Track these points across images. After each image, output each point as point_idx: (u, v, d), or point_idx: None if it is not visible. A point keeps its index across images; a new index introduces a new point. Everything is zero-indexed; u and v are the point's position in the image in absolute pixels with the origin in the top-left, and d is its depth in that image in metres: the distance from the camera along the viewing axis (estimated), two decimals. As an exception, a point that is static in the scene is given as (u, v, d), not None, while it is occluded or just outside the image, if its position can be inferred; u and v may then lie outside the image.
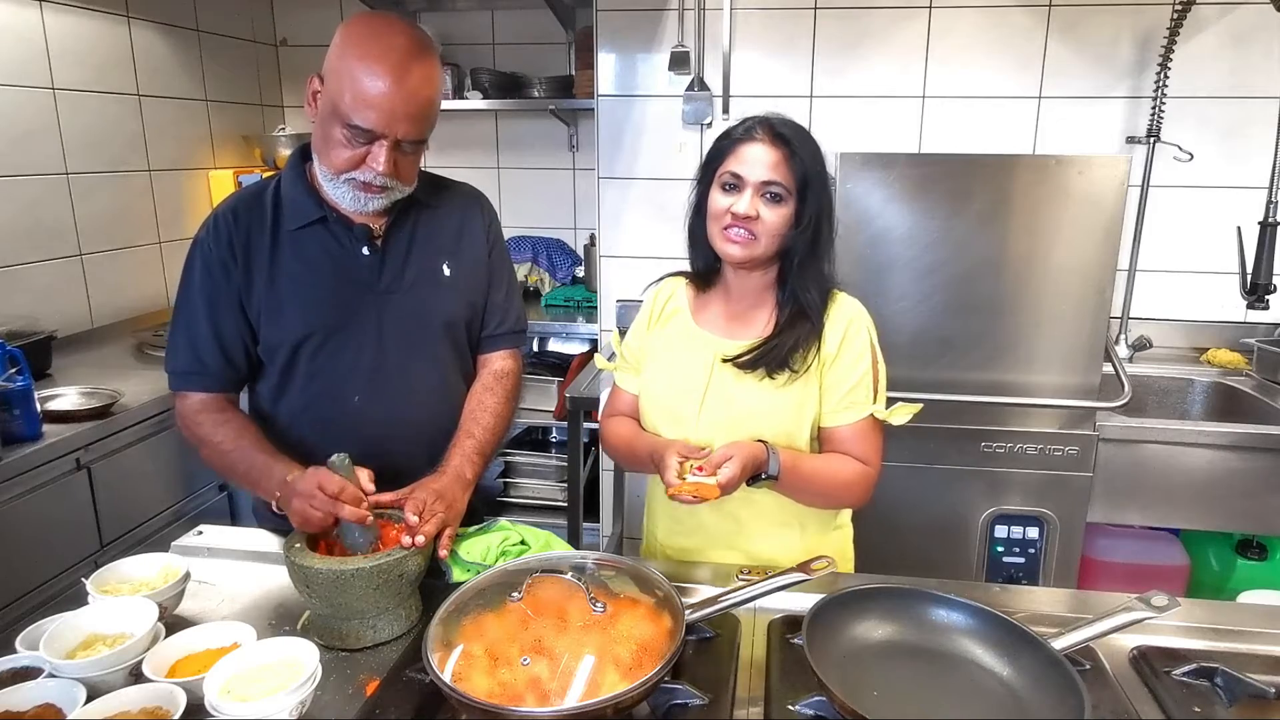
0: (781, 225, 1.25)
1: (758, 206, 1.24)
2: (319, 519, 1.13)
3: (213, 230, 1.32)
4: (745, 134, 1.26)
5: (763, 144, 1.24)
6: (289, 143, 3.17)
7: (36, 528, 1.82)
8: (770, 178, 1.23)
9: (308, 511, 1.13)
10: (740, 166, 1.25)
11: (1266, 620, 1.16)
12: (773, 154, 1.23)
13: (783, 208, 1.25)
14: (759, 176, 1.24)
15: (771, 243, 1.26)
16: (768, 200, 1.24)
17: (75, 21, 2.52)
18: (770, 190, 1.24)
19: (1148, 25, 2.39)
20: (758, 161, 1.24)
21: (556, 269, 3.34)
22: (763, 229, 1.25)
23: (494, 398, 1.42)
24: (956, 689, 0.96)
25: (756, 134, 1.25)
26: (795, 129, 1.26)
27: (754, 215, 1.24)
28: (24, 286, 2.39)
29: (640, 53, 2.62)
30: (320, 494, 1.12)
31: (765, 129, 1.25)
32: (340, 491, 1.12)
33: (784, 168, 1.23)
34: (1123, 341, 2.54)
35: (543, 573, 1.04)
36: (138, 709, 0.90)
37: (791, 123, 1.28)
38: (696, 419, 1.32)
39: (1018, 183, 1.98)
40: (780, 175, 1.23)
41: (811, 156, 1.26)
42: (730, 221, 1.25)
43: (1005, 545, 2.16)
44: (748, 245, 1.26)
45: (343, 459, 1.16)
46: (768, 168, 1.23)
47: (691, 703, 0.96)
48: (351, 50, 1.20)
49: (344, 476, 1.14)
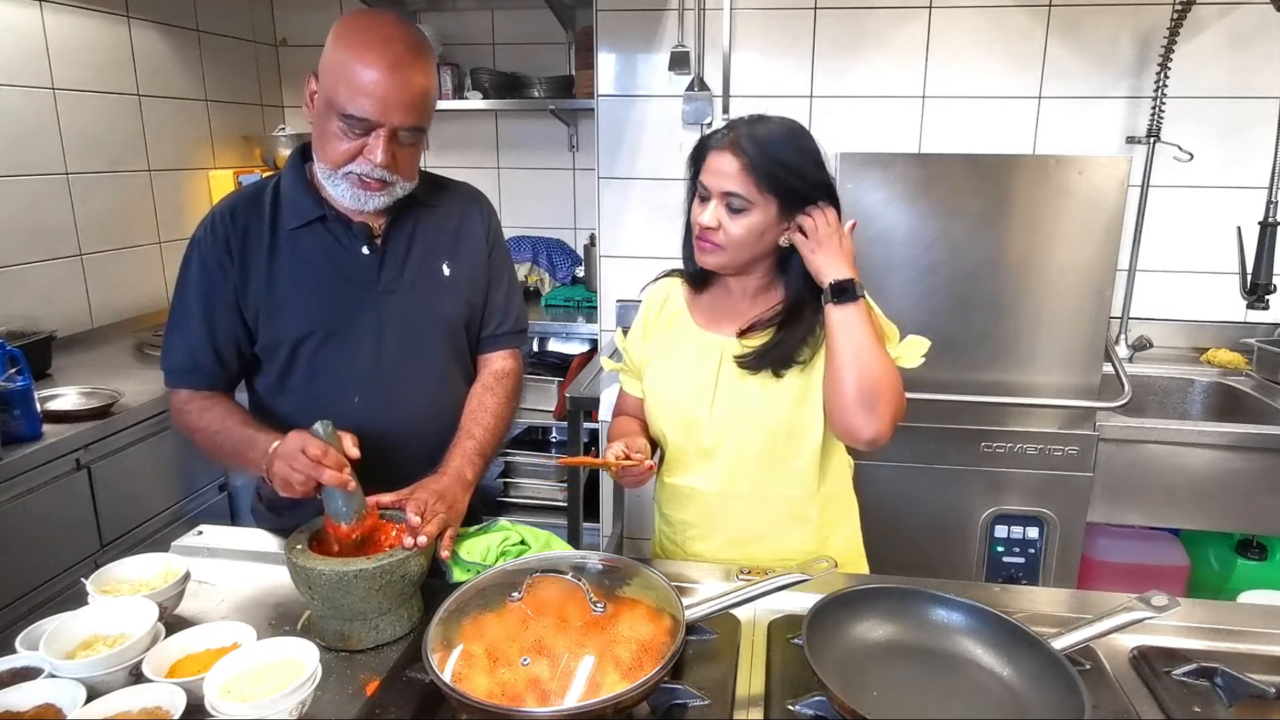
0: (747, 235, 1.23)
1: (720, 217, 1.23)
2: (300, 481, 1.12)
3: (210, 229, 1.32)
4: (716, 141, 1.25)
5: (727, 153, 1.22)
6: (289, 143, 3.17)
7: (36, 528, 1.82)
8: (729, 188, 1.22)
9: (288, 474, 1.13)
10: (707, 176, 1.24)
11: (1266, 620, 1.16)
12: (734, 163, 1.21)
13: (746, 218, 1.22)
14: (720, 187, 1.23)
15: (739, 252, 1.25)
16: (730, 211, 1.23)
17: (75, 21, 2.52)
18: (730, 201, 1.22)
19: (1148, 25, 2.39)
20: (720, 171, 1.22)
21: (556, 269, 3.34)
22: (726, 239, 1.24)
23: (494, 398, 1.42)
24: (956, 689, 0.96)
25: (723, 141, 1.23)
26: (767, 137, 1.22)
27: (715, 226, 1.23)
28: (24, 286, 2.39)
29: (640, 53, 2.62)
30: (302, 456, 1.11)
31: (731, 137, 1.22)
32: (323, 455, 1.11)
33: (742, 177, 1.21)
34: (1123, 341, 2.54)
35: (543, 573, 1.04)
36: (138, 709, 0.90)
37: (767, 127, 1.24)
38: (708, 421, 1.32)
39: (1018, 183, 1.98)
40: (739, 186, 1.21)
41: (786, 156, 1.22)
42: (698, 231, 1.26)
43: (1005, 545, 2.16)
44: (714, 254, 1.26)
45: (326, 426, 1.15)
46: (727, 178, 1.22)
47: (691, 703, 0.96)
48: (344, 44, 1.20)
49: (328, 443, 1.13)
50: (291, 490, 1.14)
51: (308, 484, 1.13)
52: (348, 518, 1.13)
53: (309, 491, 1.14)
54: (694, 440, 1.34)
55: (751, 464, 1.32)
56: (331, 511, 1.14)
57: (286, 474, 1.13)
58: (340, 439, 1.16)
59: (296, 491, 1.14)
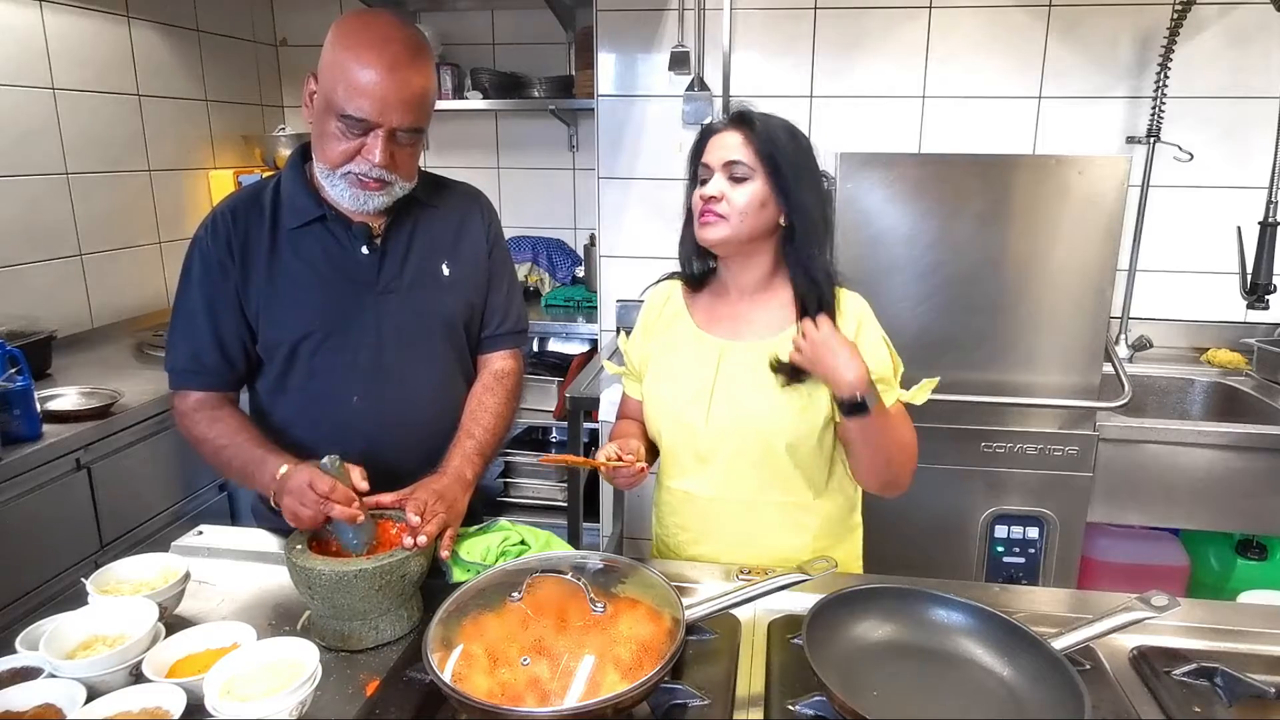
0: (751, 203, 1.25)
1: (722, 187, 1.26)
2: (309, 516, 1.13)
3: (211, 229, 1.32)
4: (718, 125, 1.30)
5: (726, 130, 1.28)
6: (289, 143, 3.17)
7: (36, 528, 1.82)
8: (732, 157, 1.25)
9: (298, 509, 1.13)
10: (708, 155, 1.28)
11: (1266, 620, 1.16)
12: (734, 136, 1.26)
13: (749, 185, 1.25)
14: (722, 158, 1.26)
15: (742, 221, 1.26)
16: (733, 180, 1.26)
17: (75, 21, 2.52)
18: (734, 171, 1.25)
19: (1148, 25, 2.39)
20: (721, 145, 1.27)
21: (556, 269, 3.34)
22: (730, 208, 1.25)
23: (494, 398, 1.42)
24: (956, 689, 0.96)
25: (722, 123, 1.29)
26: (764, 116, 1.28)
27: (719, 196, 1.25)
28: (24, 286, 2.39)
29: (640, 53, 2.62)
30: (310, 492, 1.12)
31: (733, 116, 1.29)
32: (330, 491, 1.12)
33: (745, 147, 1.25)
34: (1123, 341, 2.54)
35: (543, 573, 1.04)
36: (138, 709, 0.90)
37: (764, 113, 1.29)
38: (705, 424, 1.31)
39: (1018, 183, 1.98)
40: (741, 154, 1.25)
41: (782, 136, 1.26)
42: (700, 207, 1.27)
43: (1005, 545, 2.16)
44: (717, 225, 1.26)
45: (334, 460, 1.15)
46: (730, 149, 1.26)
47: (691, 703, 0.95)
48: (342, 44, 1.20)
49: (335, 477, 1.14)
50: (300, 523, 1.15)
51: (316, 519, 1.13)
52: (358, 549, 1.14)
53: (317, 524, 1.14)
54: (690, 444, 1.33)
55: (748, 471, 1.31)
56: (344, 543, 1.14)
57: (296, 509, 1.14)
58: (348, 472, 1.16)
59: (305, 525, 1.14)
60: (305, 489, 1.12)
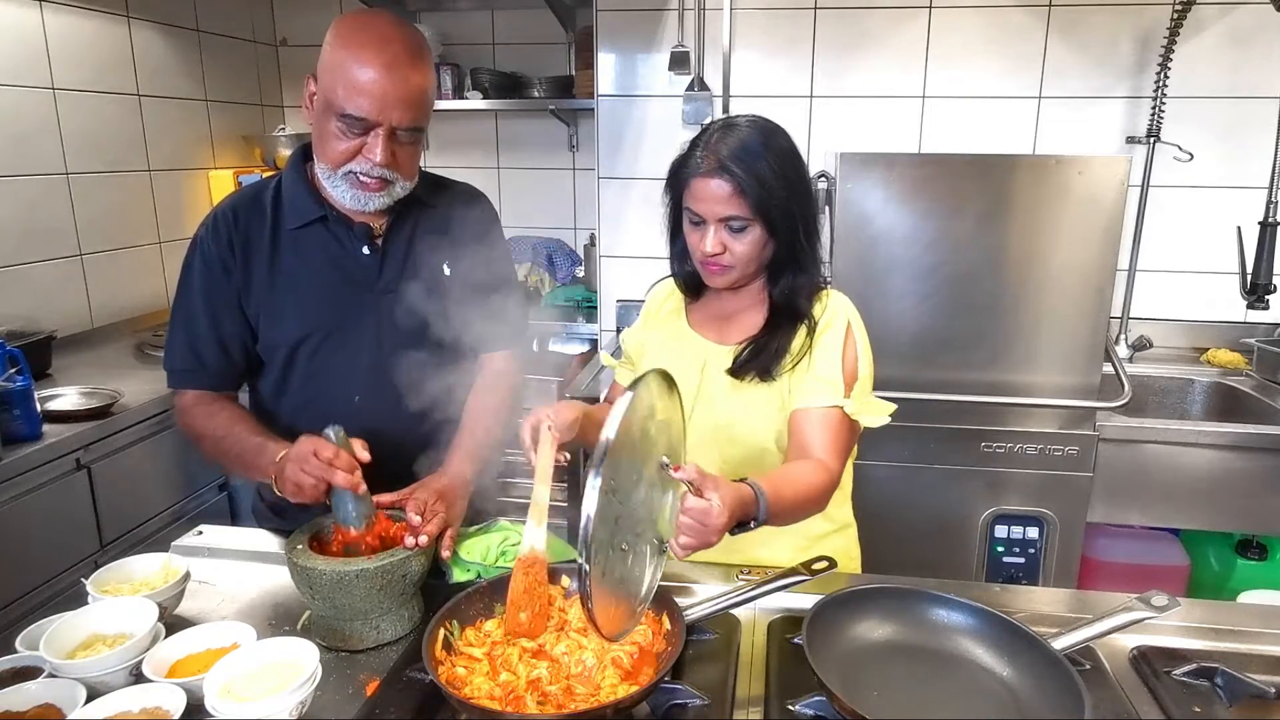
0: (753, 248, 1.24)
1: (723, 241, 1.23)
2: (311, 484, 1.12)
3: (212, 229, 1.32)
4: (695, 167, 1.22)
5: (714, 178, 1.20)
6: (289, 143, 3.17)
7: (36, 528, 1.82)
8: (726, 213, 1.21)
9: (300, 476, 1.13)
10: (698, 204, 1.23)
11: (1266, 620, 1.16)
12: (724, 186, 1.19)
13: (749, 234, 1.23)
14: (717, 214, 1.22)
15: (749, 265, 1.26)
16: (731, 232, 1.23)
17: (75, 21, 2.52)
18: (730, 224, 1.22)
19: (1148, 25, 2.40)
20: (711, 198, 1.21)
21: (556, 269, 3.34)
22: (735, 259, 1.24)
23: (494, 398, 1.42)
24: (956, 689, 0.96)
25: (706, 166, 1.20)
26: (744, 148, 1.20)
27: (720, 251, 1.23)
28: (24, 286, 2.39)
29: (640, 53, 2.62)
30: (314, 459, 1.11)
31: (711, 160, 1.20)
32: (334, 457, 1.11)
33: (737, 200, 1.20)
34: (1123, 341, 2.54)
35: (543, 573, 1.04)
36: (138, 709, 0.90)
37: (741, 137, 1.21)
38: (688, 423, 1.31)
39: (1018, 183, 1.98)
40: (735, 208, 1.20)
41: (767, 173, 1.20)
42: (703, 259, 1.26)
43: (1005, 545, 2.16)
44: (725, 274, 1.26)
45: (337, 431, 1.16)
46: (722, 203, 1.20)
47: (691, 703, 0.95)
48: (341, 43, 1.20)
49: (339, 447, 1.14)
50: (302, 495, 1.14)
51: (319, 487, 1.13)
52: (357, 523, 1.14)
53: (319, 496, 1.14)
54: None
55: (732, 472, 1.29)
56: (341, 517, 1.14)
57: (298, 477, 1.13)
58: (351, 443, 1.16)
59: (307, 496, 1.14)
60: (309, 455, 1.12)
